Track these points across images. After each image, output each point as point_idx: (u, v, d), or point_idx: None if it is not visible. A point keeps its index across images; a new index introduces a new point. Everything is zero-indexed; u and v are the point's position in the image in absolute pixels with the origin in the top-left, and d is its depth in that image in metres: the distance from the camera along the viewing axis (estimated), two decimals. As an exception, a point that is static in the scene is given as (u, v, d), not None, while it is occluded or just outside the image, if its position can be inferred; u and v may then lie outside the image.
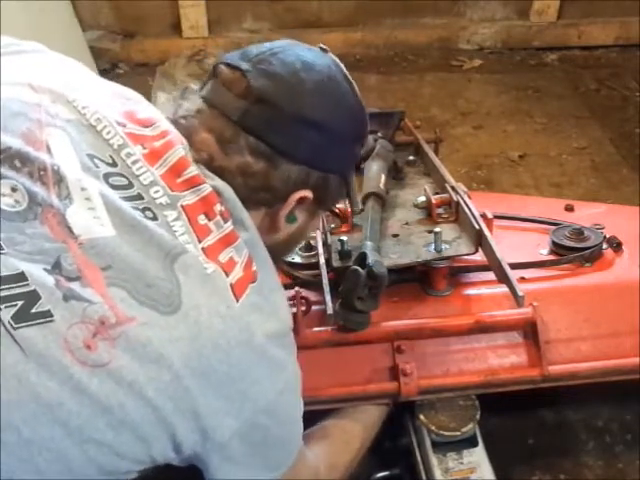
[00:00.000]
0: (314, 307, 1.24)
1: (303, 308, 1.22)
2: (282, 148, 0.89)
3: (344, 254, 1.26)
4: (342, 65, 0.97)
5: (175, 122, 0.92)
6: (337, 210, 1.27)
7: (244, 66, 0.90)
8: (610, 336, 1.26)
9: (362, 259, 1.17)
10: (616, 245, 1.41)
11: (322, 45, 0.98)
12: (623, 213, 1.74)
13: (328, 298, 1.19)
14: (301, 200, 0.93)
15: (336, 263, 1.27)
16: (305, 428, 0.95)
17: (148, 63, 3.41)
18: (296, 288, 1.24)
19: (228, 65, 0.92)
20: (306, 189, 0.92)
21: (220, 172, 0.88)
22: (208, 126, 0.90)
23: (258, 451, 0.86)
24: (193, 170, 0.85)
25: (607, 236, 1.41)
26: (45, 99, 0.86)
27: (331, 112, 0.92)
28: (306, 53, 0.94)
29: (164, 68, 3.21)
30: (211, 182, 0.86)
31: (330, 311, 1.17)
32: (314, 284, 1.28)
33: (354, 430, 1.18)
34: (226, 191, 0.86)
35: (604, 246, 1.40)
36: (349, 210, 1.33)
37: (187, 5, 3.39)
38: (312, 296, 1.25)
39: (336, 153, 0.94)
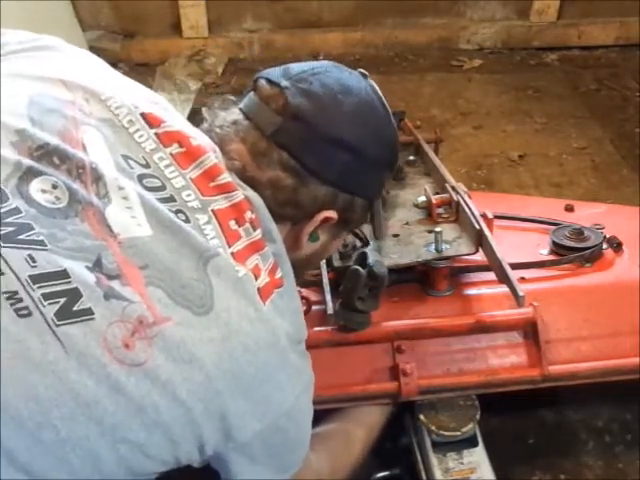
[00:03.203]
0: (314, 307, 1.24)
1: (303, 308, 1.21)
2: (313, 167, 0.89)
3: (344, 254, 1.26)
4: (379, 91, 0.98)
5: (210, 131, 0.92)
6: (359, 232, 1.25)
7: (284, 83, 0.90)
8: (610, 336, 1.26)
9: (362, 259, 1.17)
10: (616, 245, 1.41)
11: (362, 70, 0.99)
12: (623, 213, 1.74)
13: (328, 298, 1.20)
14: (326, 220, 0.94)
15: (336, 263, 1.27)
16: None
17: (148, 63, 3.41)
18: (296, 288, 1.24)
19: (268, 80, 0.92)
20: (332, 209, 0.93)
21: (251, 182, 0.88)
22: (242, 137, 0.90)
23: (275, 452, 0.87)
24: (227, 177, 0.86)
25: (607, 236, 1.41)
26: (78, 97, 0.86)
27: (365, 137, 0.92)
28: (346, 76, 0.94)
29: (164, 68, 3.21)
30: (243, 191, 0.86)
31: (330, 311, 1.18)
32: (314, 284, 1.28)
33: (356, 433, 1.19)
34: (257, 201, 0.87)
35: (604, 246, 1.40)
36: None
37: (187, 5, 3.39)
38: (312, 296, 1.25)
39: (366, 178, 0.95)
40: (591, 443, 1.45)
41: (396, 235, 1.34)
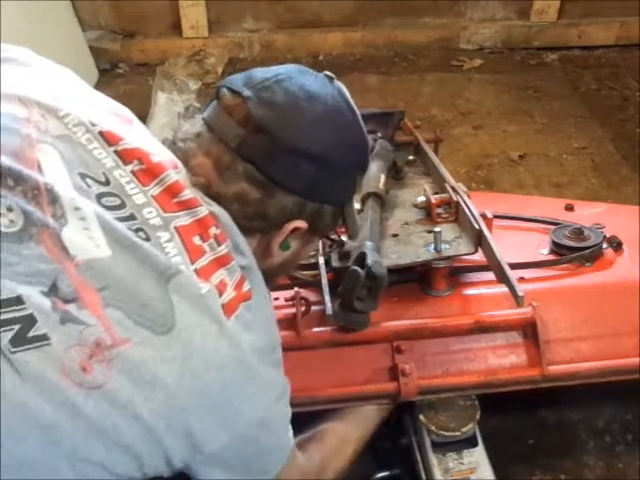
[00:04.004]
0: (313, 307, 1.24)
1: (303, 308, 1.21)
2: (278, 179, 0.88)
3: (343, 254, 1.26)
4: (347, 94, 0.96)
5: (174, 144, 0.91)
6: (334, 236, 1.22)
7: (246, 93, 0.88)
8: (610, 336, 1.26)
9: (362, 259, 1.17)
10: (616, 245, 1.41)
11: (328, 73, 0.96)
12: (623, 213, 1.73)
13: (327, 298, 1.19)
14: (295, 230, 0.93)
15: (335, 263, 1.26)
16: (303, 428, 0.95)
17: (148, 63, 3.41)
18: (295, 288, 1.24)
19: (230, 90, 0.90)
20: (301, 219, 0.92)
21: (217, 198, 0.88)
22: (206, 151, 0.89)
23: (249, 460, 0.87)
24: (189, 193, 0.85)
25: (607, 236, 1.41)
26: (35, 113, 0.85)
27: (330, 144, 0.91)
28: (311, 82, 0.92)
29: (164, 68, 3.21)
30: (209, 207, 0.86)
31: (329, 311, 1.17)
32: (313, 284, 1.28)
33: (349, 435, 1.18)
34: (223, 216, 0.86)
35: (604, 246, 1.40)
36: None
37: (187, 5, 3.39)
38: (311, 296, 1.25)
39: (333, 185, 0.94)
40: (591, 443, 1.45)
41: (395, 235, 1.34)
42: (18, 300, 0.73)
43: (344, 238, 1.26)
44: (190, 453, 0.80)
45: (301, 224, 0.93)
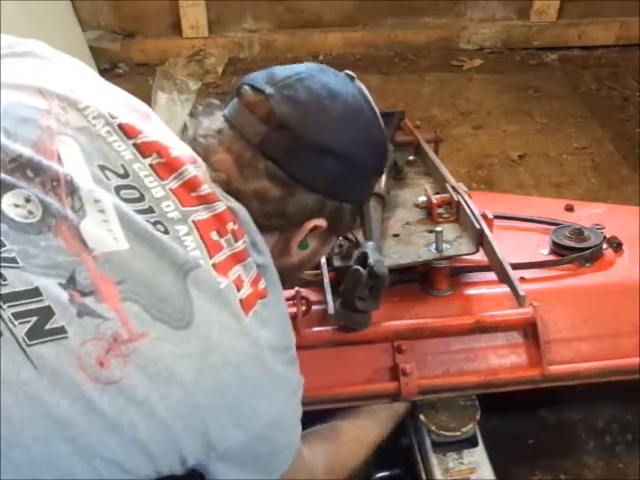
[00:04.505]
0: (314, 307, 1.24)
1: (303, 308, 1.21)
2: (300, 176, 0.88)
3: (345, 254, 1.26)
4: (367, 93, 0.96)
5: (194, 140, 0.91)
6: (350, 236, 1.23)
7: (268, 90, 0.88)
8: (610, 336, 1.26)
9: (363, 259, 1.17)
10: (616, 245, 1.41)
11: (349, 72, 0.96)
12: (623, 213, 1.74)
13: (329, 298, 1.19)
14: (314, 228, 0.93)
15: (337, 263, 1.26)
16: (304, 428, 0.95)
17: (148, 63, 3.41)
18: (296, 288, 1.24)
19: (252, 87, 0.90)
20: (321, 217, 0.92)
21: (236, 195, 0.87)
22: (227, 147, 0.89)
23: (261, 458, 0.87)
24: (207, 188, 0.85)
25: (607, 236, 1.41)
26: (55, 105, 0.85)
27: (353, 143, 0.91)
28: (332, 80, 0.92)
29: (164, 68, 3.21)
30: (227, 203, 0.85)
31: (331, 311, 1.17)
32: (314, 284, 1.28)
33: (364, 435, 1.18)
34: (241, 212, 0.86)
35: (604, 246, 1.40)
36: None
37: (187, 5, 3.39)
38: (312, 296, 1.25)
39: (354, 183, 0.93)
40: (591, 443, 1.45)
41: (396, 235, 1.34)
42: (36, 292, 0.72)
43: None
44: (205, 451, 0.79)
45: (321, 223, 0.92)
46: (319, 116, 0.88)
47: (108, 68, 3.39)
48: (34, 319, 0.71)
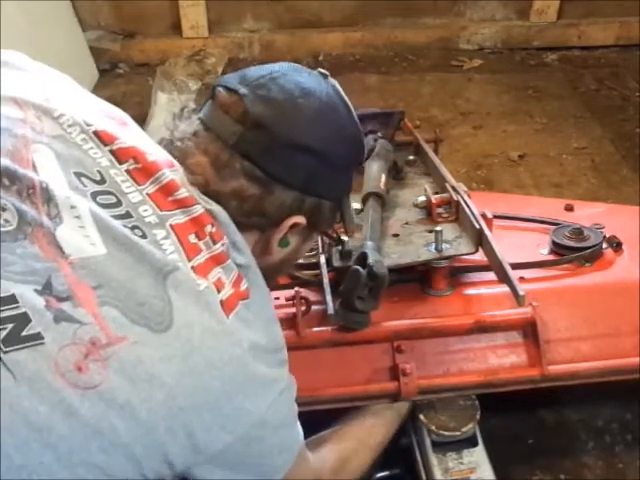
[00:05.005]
0: (314, 307, 1.24)
1: (303, 308, 1.21)
2: (277, 174, 0.89)
3: (345, 254, 1.26)
4: (341, 90, 0.97)
5: (171, 144, 0.91)
6: (332, 232, 1.22)
7: (242, 90, 0.89)
8: (610, 336, 1.26)
9: (363, 259, 1.17)
10: (616, 245, 1.41)
11: (322, 70, 0.98)
12: (623, 213, 1.74)
13: (329, 298, 1.19)
14: (294, 225, 0.93)
15: (337, 263, 1.27)
16: (307, 429, 0.95)
17: (148, 63, 3.41)
18: (296, 288, 1.24)
19: (226, 88, 0.91)
20: (300, 214, 0.93)
21: (215, 196, 0.88)
22: (204, 149, 0.89)
23: (254, 460, 0.86)
24: (184, 192, 0.85)
25: (607, 236, 1.41)
26: (30, 114, 0.85)
27: (327, 140, 0.91)
28: (305, 79, 0.93)
29: (164, 68, 3.20)
30: (206, 205, 0.86)
31: (331, 311, 1.17)
32: (314, 284, 1.28)
33: (370, 437, 1.18)
34: (220, 215, 0.86)
35: (604, 246, 1.40)
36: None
37: (187, 5, 3.38)
38: (311, 296, 1.25)
39: (331, 180, 0.94)
40: (591, 443, 1.45)
41: (396, 235, 1.34)
42: (12, 299, 0.72)
43: (345, 238, 1.26)
44: (192, 455, 0.79)
45: (300, 220, 0.93)
46: (294, 114, 0.89)
47: (108, 68, 3.38)
48: (10, 326, 0.71)
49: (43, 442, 0.70)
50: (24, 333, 0.71)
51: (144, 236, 0.81)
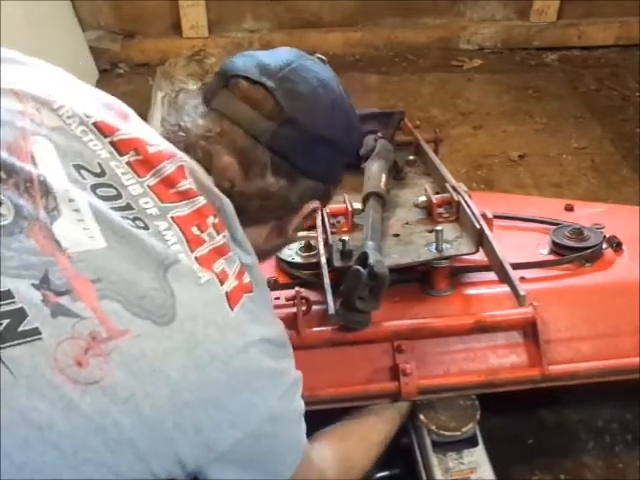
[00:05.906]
0: (314, 307, 1.24)
1: (303, 308, 1.21)
2: (304, 167, 0.91)
3: (345, 254, 1.26)
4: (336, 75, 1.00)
5: (195, 145, 0.90)
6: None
7: (269, 83, 0.89)
8: (610, 336, 1.26)
9: (363, 259, 1.17)
10: (616, 245, 1.41)
11: (320, 55, 1.00)
12: (623, 213, 1.74)
13: (329, 298, 1.19)
14: (313, 211, 0.98)
15: (337, 263, 1.26)
16: (309, 429, 0.95)
17: (148, 63, 3.41)
18: (296, 288, 1.24)
19: (247, 79, 0.90)
20: (315, 199, 0.97)
21: (237, 196, 0.88)
22: (233, 148, 0.90)
23: (265, 458, 0.85)
24: (186, 184, 0.84)
25: (607, 236, 1.41)
26: (29, 107, 0.84)
27: (341, 129, 0.96)
28: (316, 67, 0.96)
29: (164, 68, 3.20)
30: (220, 199, 0.86)
31: (332, 311, 1.17)
32: (314, 284, 1.28)
33: (372, 435, 1.18)
34: (227, 207, 0.86)
35: (604, 246, 1.40)
36: (349, 210, 1.34)
37: (187, 5, 3.39)
38: (312, 296, 1.25)
39: (340, 167, 0.99)
40: (591, 443, 1.44)
41: (396, 235, 1.34)
42: (8, 294, 0.71)
43: (345, 237, 1.27)
44: (203, 453, 0.77)
45: (317, 204, 0.97)
46: (316, 107, 0.92)
47: (108, 68, 3.39)
48: (6, 321, 0.69)
49: (44, 440, 0.68)
50: (20, 328, 0.69)
51: (146, 227, 0.79)
